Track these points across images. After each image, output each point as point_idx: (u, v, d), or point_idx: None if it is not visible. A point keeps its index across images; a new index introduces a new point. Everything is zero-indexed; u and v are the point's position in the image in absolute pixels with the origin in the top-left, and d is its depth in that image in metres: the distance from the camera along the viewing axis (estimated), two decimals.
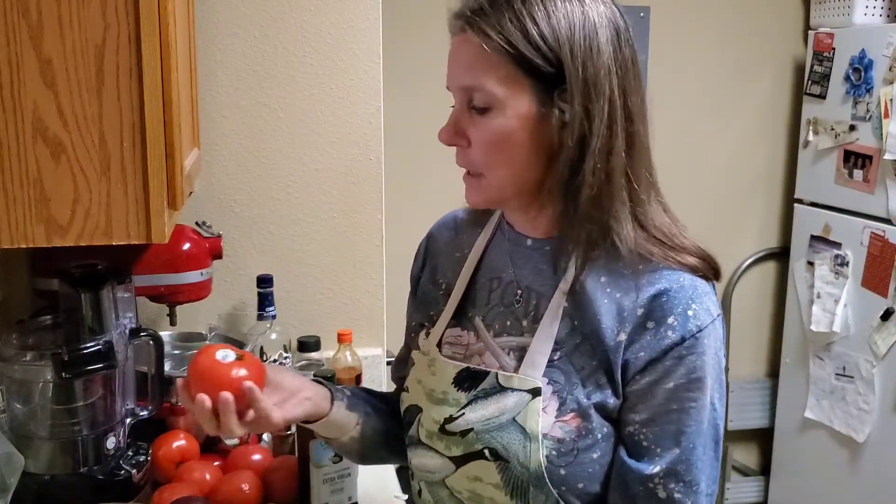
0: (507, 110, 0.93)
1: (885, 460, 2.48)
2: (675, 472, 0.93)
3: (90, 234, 0.97)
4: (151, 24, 0.95)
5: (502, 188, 0.97)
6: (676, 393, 0.93)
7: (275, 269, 1.78)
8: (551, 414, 0.95)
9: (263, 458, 1.43)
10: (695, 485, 0.94)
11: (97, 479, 1.27)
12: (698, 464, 0.94)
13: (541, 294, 1.01)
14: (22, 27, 0.91)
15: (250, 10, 1.72)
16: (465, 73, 0.95)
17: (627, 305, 0.94)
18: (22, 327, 1.31)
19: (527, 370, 0.97)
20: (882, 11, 2.57)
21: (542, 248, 1.03)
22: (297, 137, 1.79)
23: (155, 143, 0.97)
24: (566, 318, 0.98)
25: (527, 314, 1.01)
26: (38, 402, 1.26)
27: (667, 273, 0.95)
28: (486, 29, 0.91)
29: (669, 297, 0.93)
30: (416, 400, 1.09)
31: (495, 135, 0.94)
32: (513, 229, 1.07)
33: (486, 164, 0.96)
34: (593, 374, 0.96)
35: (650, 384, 0.94)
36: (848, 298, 2.58)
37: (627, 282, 0.96)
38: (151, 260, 1.50)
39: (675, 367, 0.93)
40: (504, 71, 0.92)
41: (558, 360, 0.97)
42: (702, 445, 0.94)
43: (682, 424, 0.93)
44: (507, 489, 0.97)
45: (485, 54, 0.92)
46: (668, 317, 0.93)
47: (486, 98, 0.93)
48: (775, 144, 2.99)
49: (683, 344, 0.92)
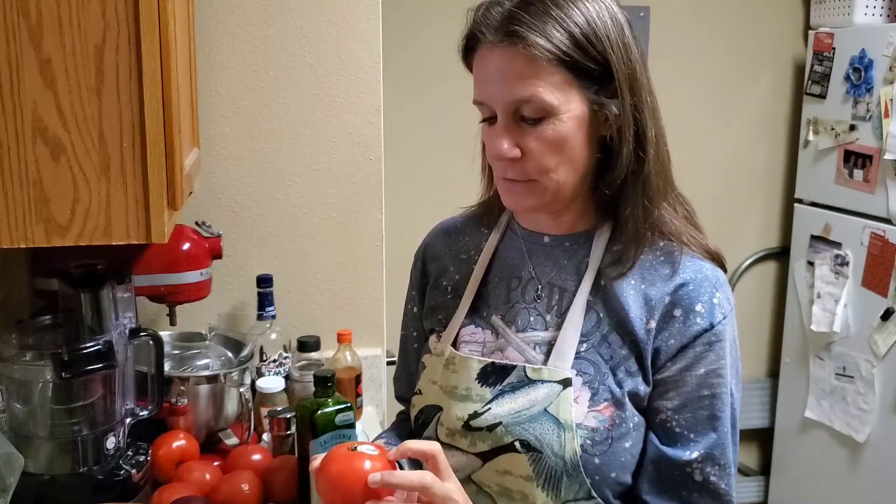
0: (563, 115, 0.93)
1: (885, 460, 2.48)
2: (711, 457, 0.97)
3: (90, 234, 0.97)
4: (151, 24, 0.94)
5: (560, 190, 0.98)
6: (707, 378, 0.97)
7: (275, 269, 1.78)
8: (583, 404, 0.97)
9: (263, 458, 1.43)
10: (728, 467, 0.98)
11: (97, 479, 1.27)
12: (730, 447, 0.98)
13: (563, 288, 1.03)
14: (22, 27, 0.91)
15: (250, 10, 1.72)
16: (514, 86, 0.93)
17: (655, 295, 0.98)
18: (22, 327, 1.31)
19: (556, 361, 0.99)
20: (882, 11, 2.57)
21: (562, 244, 1.05)
22: (297, 137, 1.79)
23: (155, 143, 0.96)
24: (591, 311, 1.01)
25: (549, 309, 1.03)
26: (37, 402, 1.25)
27: (689, 262, 1.00)
28: (535, 38, 0.90)
29: (696, 285, 0.98)
30: (434, 400, 1.08)
31: (553, 141, 0.94)
32: (524, 228, 1.09)
33: (545, 170, 0.96)
34: (622, 363, 0.98)
35: (681, 370, 0.97)
36: (848, 298, 2.58)
37: (651, 273, 1.00)
38: (151, 260, 1.50)
39: (705, 353, 0.97)
40: (557, 77, 0.92)
41: (585, 352, 0.99)
42: (731, 428, 0.98)
43: (714, 409, 0.97)
44: (539, 480, 0.98)
45: (536, 64, 0.91)
46: (695, 304, 0.97)
47: (541, 107, 0.93)
48: (775, 144, 2.99)
49: (712, 330, 0.97)
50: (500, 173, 0.99)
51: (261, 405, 1.58)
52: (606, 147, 0.98)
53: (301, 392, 1.61)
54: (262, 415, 1.57)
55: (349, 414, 1.31)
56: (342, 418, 1.30)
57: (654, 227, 1.00)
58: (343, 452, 0.89)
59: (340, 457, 0.88)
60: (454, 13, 1.05)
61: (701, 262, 1.00)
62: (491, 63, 0.95)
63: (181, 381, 1.48)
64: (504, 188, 1.00)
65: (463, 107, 3.00)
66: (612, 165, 0.97)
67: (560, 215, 1.04)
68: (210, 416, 1.52)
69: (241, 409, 1.53)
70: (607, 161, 0.98)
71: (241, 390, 1.52)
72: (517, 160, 0.96)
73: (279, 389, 1.59)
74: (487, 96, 0.96)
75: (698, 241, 1.02)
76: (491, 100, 0.96)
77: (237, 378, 1.53)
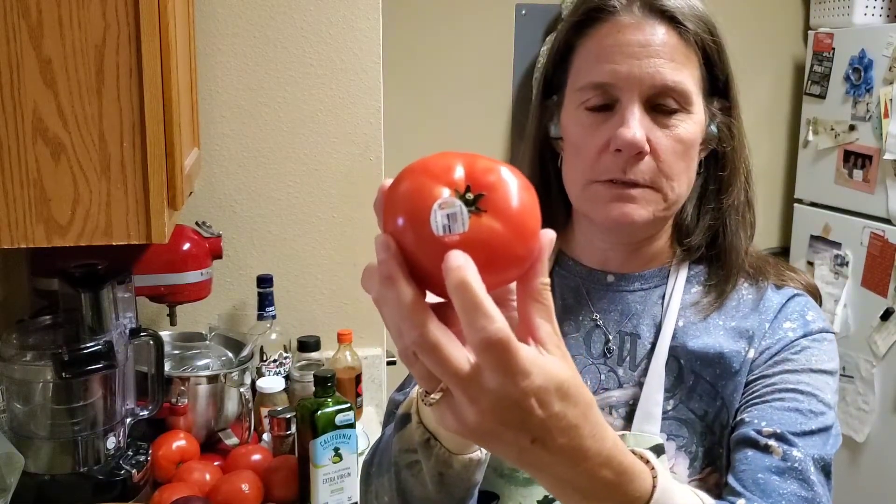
0: (695, 115, 0.83)
1: (885, 460, 2.48)
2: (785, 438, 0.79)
3: (90, 234, 0.97)
4: (151, 24, 0.95)
5: (677, 203, 0.85)
6: (794, 374, 0.83)
7: (275, 269, 1.78)
8: (682, 473, 0.82)
9: (263, 458, 1.43)
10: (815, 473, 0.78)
11: (97, 479, 1.27)
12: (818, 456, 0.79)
13: (637, 336, 0.88)
14: (22, 27, 0.91)
15: (250, 10, 1.72)
16: (664, 67, 0.80)
17: (751, 325, 0.86)
18: (22, 327, 1.31)
19: (641, 425, 0.83)
20: (882, 11, 2.57)
21: (631, 283, 0.90)
22: (297, 137, 1.79)
23: (155, 143, 0.97)
24: (672, 360, 0.86)
25: (621, 362, 0.88)
26: (38, 402, 1.25)
27: (778, 291, 0.90)
28: (687, 18, 0.82)
29: (787, 305, 0.88)
30: (485, 485, 0.85)
31: (684, 141, 0.82)
32: (582, 265, 0.93)
33: (669, 175, 0.82)
34: (719, 414, 0.84)
35: (768, 366, 0.84)
36: (848, 298, 2.58)
37: (739, 308, 0.88)
38: (151, 260, 1.50)
39: (796, 355, 0.84)
40: (697, 71, 0.84)
41: (673, 410, 0.84)
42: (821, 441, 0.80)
43: (798, 405, 0.81)
44: None
45: (685, 47, 0.82)
46: (785, 321, 0.87)
47: (682, 98, 0.81)
48: (775, 144, 2.99)
49: (806, 337, 0.85)
50: (606, 173, 0.82)
51: (261, 405, 1.58)
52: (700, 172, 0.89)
53: (301, 392, 1.61)
54: (262, 415, 1.57)
55: (349, 414, 1.31)
56: (342, 418, 1.30)
57: (747, 261, 0.90)
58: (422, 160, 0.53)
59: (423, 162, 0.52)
60: (454, 13, 1.05)
61: (791, 289, 0.90)
62: (633, 35, 0.81)
63: (181, 381, 1.48)
64: (607, 194, 0.83)
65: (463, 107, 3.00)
66: (721, 190, 0.88)
67: (641, 246, 0.89)
68: (210, 416, 1.52)
69: (241, 409, 1.53)
70: (711, 186, 0.90)
71: (241, 390, 1.52)
72: (642, 158, 0.81)
73: (279, 389, 1.59)
74: (619, 75, 0.80)
75: (790, 275, 0.92)
76: (626, 79, 0.80)
77: (237, 378, 1.53)
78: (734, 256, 0.88)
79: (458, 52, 2.55)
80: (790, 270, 0.92)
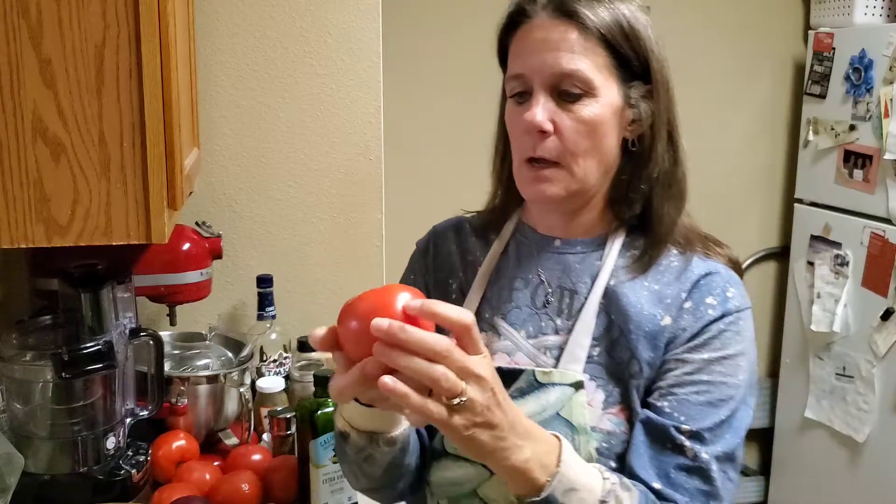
0: (601, 98, 0.94)
1: (885, 460, 2.48)
2: (700, 436, 0.92)
3: (90, 234, 0.97)
4: (151, 24, 0.95)
5: (583, 181, 0.97)
6: (709, 365, 0.94)
7: (275, 269, 1.78)
8: (597, 407, 0.96)
9: (263, 458, 1.43)
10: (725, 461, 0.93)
11: (97, 479, 1.27)
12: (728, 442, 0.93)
13: (574, 291, 1.02)
14: (22, 27, 0.91)
15: (250, 11, 1.72)
16: (562, 57, 0.93)
17: (671, 293, 0.97)
18: (22, 327, 1.31)
19: (567, 364, 0.97)
20: (882, 11, 2.57)
21: (574, 247, 1.04)
22: (297, 137, 1.79)
23: (155, 143, 0.97)
24: (602, 314, 0.99)
25: (560, 313, 1.02)
26: (37, 402, 1.25)
27: (702, 262, 1.00)
28: (587, 15, 0.92)
29: (708, 280, 0.98)
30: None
31: (588, 122, 0.94)
32: (535, 232, 1.07)
33: (574, 152, 0.95)
34: (635, 365, 0.96)
35: (685, 351, 0.95)
36: (848, 298, 2.58)
37: (665, 274, 0.99)
38: (151, 260, 1.50)
39: (712, 340, 0.95)
40: (601, 60, 0.94)
41: (598, 356, 0.98)
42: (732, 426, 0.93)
43: (713, 397, 0.94)
44: None
45: (585, 40, 0.93)
46: (706, 297, 0.96)
47: (583, 84, 0.93)
48: (775, 144, 2.99)
49: (722, 319, 0.95)
50: (525, 152, 0.97)
51: (261, 405, 1.58)
52: (627, 150, 0.99)
53: (301, 392, 1.61)
54: (262, 415, 1.57)
55: None
56: None
57: (676, 231, 1.00)
58: (375, 290, 0.78)
59: (373, 292, 0.77)
60: (454, 13, 1.05)
61: (715, 262, 1.00)
62: (539, 34, 0.95)
63: (181, 381, 1.48)
64: (527, 175, 0.97)
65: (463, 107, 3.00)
66: (641, 166, 0.98)
67: (575, 216, 1.03)
68: (210, 416, 1.52)
69: (241, 409, 1.53)
70: (633, 162, 0.99)
71: (241, 390, 1.52)
72: (547, 137, 0.94)
73: (279, 389, 1.59)
74: (529, 67, 0.95)
75: (715, 248, 1.02)
76: (533, 70, 0.94)
77: (237, 378, 1.53)
78: (659, 226, 1.00)
79: (458, 52, 2.54)
80: (716, 245, 1.03)
